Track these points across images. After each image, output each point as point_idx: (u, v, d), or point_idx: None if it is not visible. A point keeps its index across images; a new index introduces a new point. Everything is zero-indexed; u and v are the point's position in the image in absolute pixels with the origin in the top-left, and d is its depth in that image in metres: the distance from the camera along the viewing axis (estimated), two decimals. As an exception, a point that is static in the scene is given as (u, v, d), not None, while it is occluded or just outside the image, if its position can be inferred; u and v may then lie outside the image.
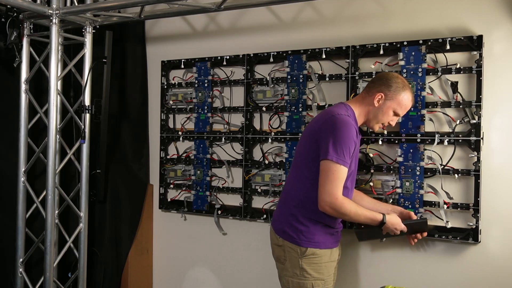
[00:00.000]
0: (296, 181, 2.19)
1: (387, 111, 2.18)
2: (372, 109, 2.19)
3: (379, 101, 2.17)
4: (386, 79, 2.20)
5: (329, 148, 2.01)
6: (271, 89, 2.85)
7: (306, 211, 2.12)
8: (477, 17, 2.37)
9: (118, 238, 3.29)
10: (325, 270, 2.12)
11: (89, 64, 2.99)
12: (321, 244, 2.12)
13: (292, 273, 2.13)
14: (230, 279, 3.09)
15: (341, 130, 2.04)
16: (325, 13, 2.76)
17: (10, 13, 2.76)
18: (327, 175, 2.01)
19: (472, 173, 2.34)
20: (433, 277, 2.47)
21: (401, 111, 2.20)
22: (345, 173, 2.03)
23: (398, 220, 2.15)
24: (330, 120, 2.09)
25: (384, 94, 2.16)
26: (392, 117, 2.21)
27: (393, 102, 2.17)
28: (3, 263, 3.08)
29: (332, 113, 2.14)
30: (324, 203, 2.01)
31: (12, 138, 3.02)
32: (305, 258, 2.10)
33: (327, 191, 2.00)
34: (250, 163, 2.92)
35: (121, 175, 3.32)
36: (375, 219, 2.10)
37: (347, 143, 2.02)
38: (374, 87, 2.20)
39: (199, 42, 3.18)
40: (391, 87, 2.16)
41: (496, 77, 2.33)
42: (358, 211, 2.07)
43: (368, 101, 2.20)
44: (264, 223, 2.90)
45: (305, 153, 2.16)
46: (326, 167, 2.01)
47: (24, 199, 3.00)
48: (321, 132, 2.09)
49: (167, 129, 3.23)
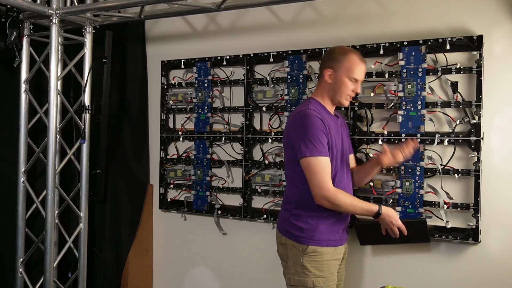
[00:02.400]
0: (289, 184, 2.25)
1: (343, 81, 2.16)
2: (330, 87, 2.19)
3: (330, 76, 2.17)
4: (328, 53, 2.25)
5: (300, 147, 2.06)
6: (271, 89, 2.85)
7: (307, 209, 2.14)
8: (477, 17, 2.37)
9: (118, 238, 3.28)
10: (326, 268, 2.12)
11: (89, 64, 2.99)
12: (323, 242, 2.13)
13: (293, 271, 2.15)
14: (230, 279, 3.09)
15: (304, 125, 2.08)
16: (325, 13, 2.76)
17: (10, 13, 2.76)
18: (310, 171, 2.05)
19: (472, 173, 2.34)
20: (433, 277, 2.47)
21: (356, 75, 2.16)
22: (326, 162, 2.06)
23: (395, 213, 2.16)
24: (293, 121, 2.17)
25: (332, 68, 2.17)
26: (353, 85, 2.18)
27: (343, 70, 2.15)
28: (3, 263, 3.08)
29: (293, 113, 2.21)
30: (319, 197, 2.05)
31: (12, 138, 3.01)
32: (306, 256, 2.11)
33: (316, 184, 2.05)
34: (250, 163, 2.92)
35: (121, 175, 3.31)
36: (371, 210, 2.12)
37: (314, 134, 2.05)
38: (322, 66, 2.24)
39: (199, 42, 3.18)
40: (334, 59, 2.18)
41: (496, 77, 2.33)
42: (353, 202, 2.10)
43: (322, 83, 2.22)
44: (264, 223, 2.90)
45: (287, 159, 2.24)
46: (306, 164, 2.06)
47: (24, 199, 3.00)
48: (290, 135, 2.16)
49: (167, 129, 3.23)
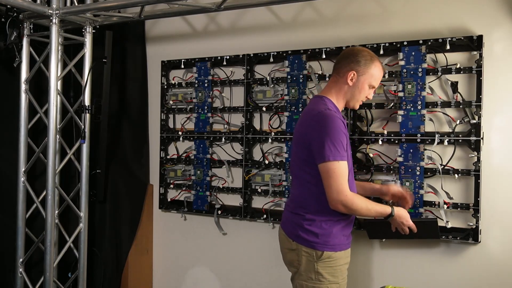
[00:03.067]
0: (300, 187, 2.13)
1: (363, 86, 2.13)
2: (348, 89, 2.14)
3: (352, 79, 2.11)
4: (352, 55, 2.13)
5: (323, 150, 1.96)
6: (271, 89, 2.85)
7: (321, 214, 2.06)
8: (477, 17, 2.37)
9: (118, 238, 3.28)
10: (340, 273, 2.08)
11: (89, 64, 2.99)
12: (337, 246, 2.07)
13: (306, 277, 2.07)
14: (230, 279, 3.08)
15: (327, 127, 1.99)
16: (325, 13, 2.76)
17: (10, 13, 2.76)
18: (330, 175, 1.97)
19: (472, 173, 2.34)
20: (433, 277, 2.47)
21: (375, 83, 2.16)
22: (345, 166, 2.00)
23: (406, 214, 2.14)
24: (314, 121, 2.05)
25: (356, 71, 2.10)
26: (369, 90, 2.17)
27: (367, 76, 2.12)
28: (3, 263, 3.08)
29: (313, 112, 2.09)
30: (336, 202, 1.98)
31: (12, 138, 3.01)
32: (321, 262, 2.04)
33: (334, 190, 1.97)
34: (250, 163, 2.92)
35: (121, 175, 3.31)
36: (385, 212, 2.09)
37: (338, 137, 1.98)
38: (343, 66, 2.13)
39: (199, 42, 3.18)
40: (360, 62, 2.11)
41: (496, 77, 2.33)
42: (368, 206, 2.05)
43: (341, 83, 2.14)
44: (264, 223, 2.90)
45: (300, 160, 2.12)
46: (326, 168, 1.97)
47: (24, 199, 3.00)
48: (309, 135, 2.05)
49: (167, 129, 3.23)
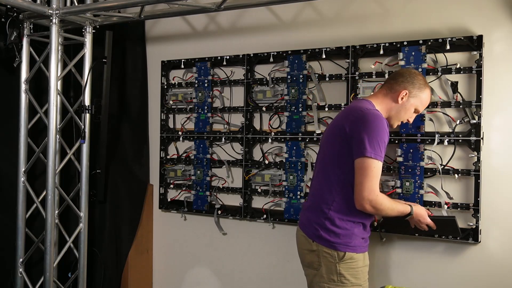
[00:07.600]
0: (327, 184, 2.09)
1: (410, 108, 2.15)
2: (395, 106, 2.14)
3: (403, 98, 2.12)
4: (409, 76, 2.14)
5: (365, 145, 1.94)
6: (271, 89, 2.85)
7: (344, 213, 2.04)
8: (477, 17, 2.37)
9: (118, 238, 3.28)
10: (362, 275, 2.06)
11: (89, 64, 2.99)
12: (358, 248, 2.05)
13: (328, 279, 2.03)
14: (230, 279, 3.08)
15: (374, 124, 1.98)
16: (325, 13, 2.76)
17: (10, 13, 2.76)
18: (366, 173, 1.94)
19: (472, 173, 2.34)
20: (433, 277, 2.47)
21: (421, 108, 2.18)
22: (381, 168, 1.98)
23: (424, 212, 2.15)
24: (360, 116, 2.02)
25: (409, 91, 2.12)
26: (412, 114, 2.18)
27: (417, 100, 2.14)
28: (3, 263, 3.07)
29: (360, 109, 2.06)
30: (364, 201, 1.95)
31: (12, 138, 3.01)
32: (342, 263, 2.02)
33: (367, 188, 1.94)
34: (250, 163, 2.92)
35: (121, 175, 3.31)
36: (405, 212, 2.10)
37: (382, 137, 1.97)
38: (397, 84, 2.14)
39: (199, 42, 3.18)
40: (415, 84, 2.12)
41: (496, 77, 2.33)
42: (392, 205, 2.05)
43: (391, 98, 2.14)
44: (264, 223, 2.90)
45: (334, 155, 2.08)
46: (365, 164, 1.95)
47: (24, 199, 2.99)
48: (351, 129, 2.01)
49: (167, 129, 3.23)
